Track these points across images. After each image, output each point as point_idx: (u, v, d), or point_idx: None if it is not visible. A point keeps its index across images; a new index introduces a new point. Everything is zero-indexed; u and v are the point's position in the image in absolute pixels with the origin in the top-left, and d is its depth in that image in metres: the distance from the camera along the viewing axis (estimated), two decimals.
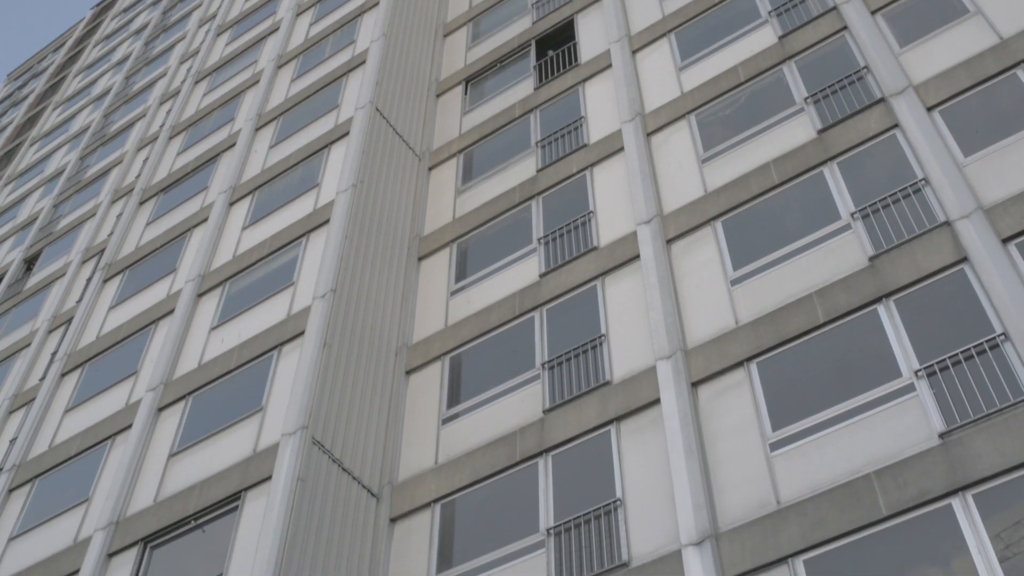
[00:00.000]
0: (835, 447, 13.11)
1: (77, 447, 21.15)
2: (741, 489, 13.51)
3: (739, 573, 12.63)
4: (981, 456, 11.87)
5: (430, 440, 17.62)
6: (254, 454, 16.96)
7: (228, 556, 15.56)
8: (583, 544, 14.36)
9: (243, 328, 20.39)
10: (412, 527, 16.47)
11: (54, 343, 27.33)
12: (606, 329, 17.08)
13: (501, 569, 14.84)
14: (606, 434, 15.51)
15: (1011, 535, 11.14)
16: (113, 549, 17.49)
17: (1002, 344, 12.77)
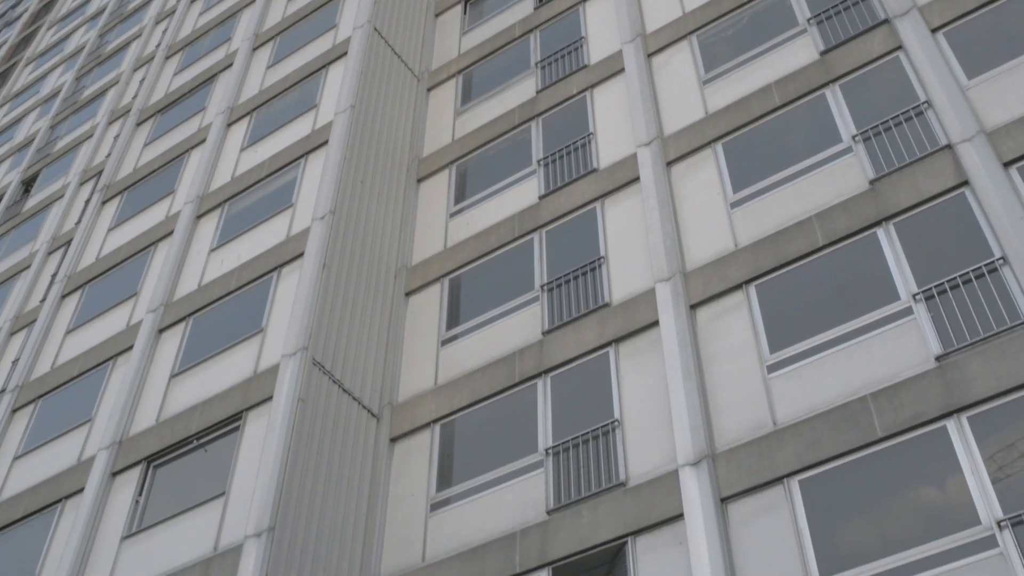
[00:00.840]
0: (832, 369, 13.20)
1: (79, 368, 21.28)
2: (738, 410, 13.63)
3: (735, 493, 12.80)
4: (977, 379, 11.96)
5: (430, 361, 17.73)
6: (255, 375, 17.07)
7: (230, 475, 15.74)
8: (581, 464, 14.53)
9: (242, 250, 20.40)
10: (412, 447, 16.64)
11: (54, 265, 27.35)
12: (605, 251, 17.09)
13: (500, 488, 15.02)
14: (605, 355, 15.61)
15: (1004, 457, 11.26)
16: (117, 468, 17.69)
17: (1000, 268, 12.79)
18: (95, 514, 17.07)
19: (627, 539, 13.37)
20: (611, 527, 13.55)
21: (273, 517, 14.24)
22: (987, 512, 10.98)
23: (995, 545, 10.72)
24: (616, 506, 13.68)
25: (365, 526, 15.68)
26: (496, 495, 15.01)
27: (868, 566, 11.30)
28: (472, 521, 14.97)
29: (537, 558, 13.82)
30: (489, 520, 14.81)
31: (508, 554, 14.09)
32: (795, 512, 12.24)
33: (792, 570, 11.77)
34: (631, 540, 13.33)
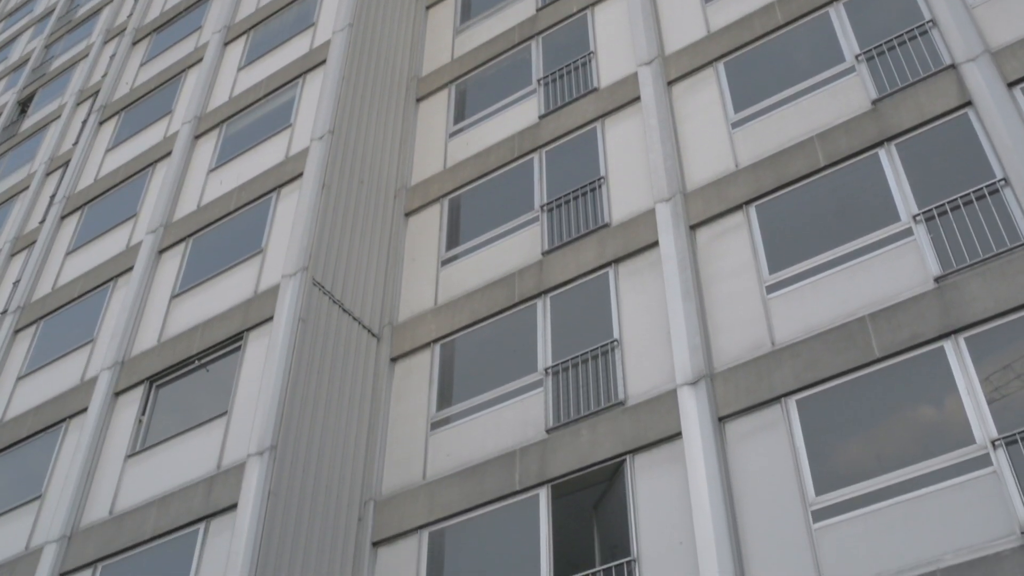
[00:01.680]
0: (831, 290, 13.23)
1: (80, 289, 21.33)
2: (737, 331, 13.69)
3: (732, 412, 12.91)
4: (975, 300, 11.99)
5: (429, 281, 17.77)
6: (255, 295, 17.12)
7: (232, 395, 15.86)
8: (580, 383, 14.63)
9: (241, 170, 20.32)
10: (412, 367, 16.75)
11: (52, 186, 27.27)
12: (605, 171, 17.03)
13: (499, 407, 15.15)
14: (604, 276, 15.64)
15: (1001, 378, 11.34)
16: (119, 388, 17.82)
17: (1002, 189, 12.75)
18: (99, 433, 17.24)
19: (625, 457, 13.52)
20: (610, 445, 13.69)
21: (275, 436, 14.38)
22: (982, 432, 11.09)
23: (989, 464, 10.85)
24: (615, 425, 13.80)
25: (366, 445, 15.85)
26: (496, 414, 15.14)
27: (863, 484, 11.44)
28: (472, 439, 15.13)
29: (536, 476, 13.98)
30: (489, 438, 14.96)
31: (508, 472, 14.26)
32: (792, 431, 12.36)
33: (788, 488, 11.92)
34: (629, 458, 13.48)
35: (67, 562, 15.66)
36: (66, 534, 15.99)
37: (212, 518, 14.45)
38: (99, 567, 15.30)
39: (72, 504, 16.32)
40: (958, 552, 10.48)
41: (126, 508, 15.76)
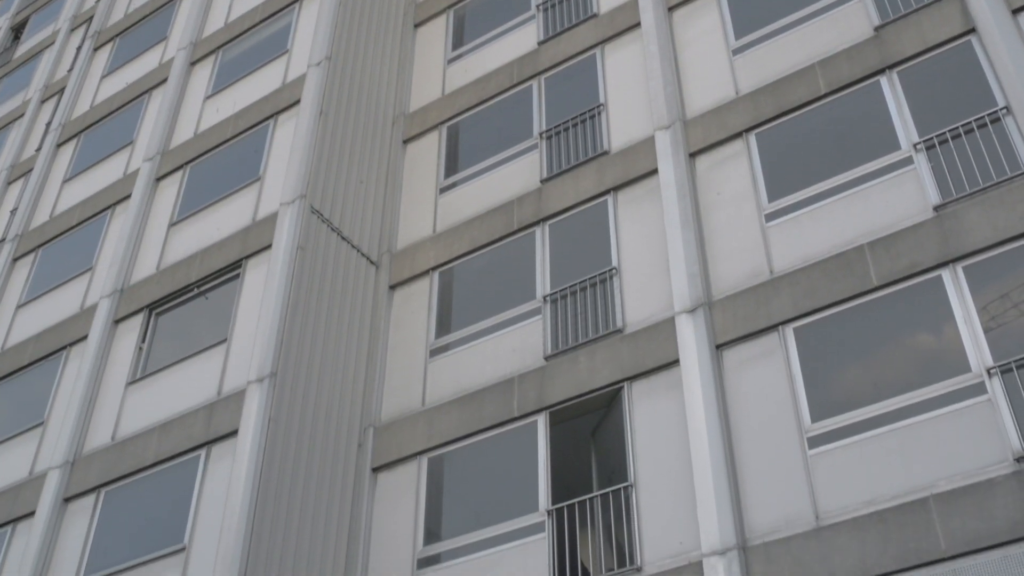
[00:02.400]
0: (830, 218, 13.22)
1: (78, 217, 21.28)
2: (735, 259, 13.70)
3: (730, 340, 12.97)
4: (974, 229, 11.98)
5: (428, 209, 17.73)
6: (253, 223, 17.09)
7: (231, 322, 15.91)
8: (579, 311, 14.68)
9: (237, 97, 20.16)
10: (411, 294, 16.78)
11: (48, 113, 27.07)
12: (605, 98, 16.91)
13: (498, 335, 15.21)
14: (603, 203, 15.60)
15: (998, 307, 11.38)
16: (119, 316, 17.86)
17: (1003, 118, 12.67)
18: (99, 361, 17.32)
19: (623, 384, 13.61)
20: (608, 372, 13.77)
21: (275, 363, 14.45)
22: (977, 360, 11.15)
23: (984, 392, 10.92)
24: (613, 352, 13.87)
25: (365, 372, 15.94)
26: (494, 341, 15.21)
27: (859, 411, 11.54)
28: (471, 367, 15.21)
29: (535, 402, 14.08)
30: (488, 366, 15.04)
31: (506, 399, 14.36)
32: (789, 359, 12.43)
33: (784, 415, 12.02)
34: (627, 385, 13.57)
35: (71, 487, 15.84)
36: (69, 460, 16.15)
37: (213, 444, 14.58)
38: (102, 492, 15.47)
39: (74, 431, 16.45)
40: (952, 478, 10.60)
41: (128, 434, 15.89)
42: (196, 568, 13.38)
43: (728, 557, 11.30)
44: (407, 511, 14.41)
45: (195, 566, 13.42)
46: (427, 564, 13.76)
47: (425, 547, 13.92)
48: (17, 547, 16.01)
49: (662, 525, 12.22)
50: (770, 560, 11.13)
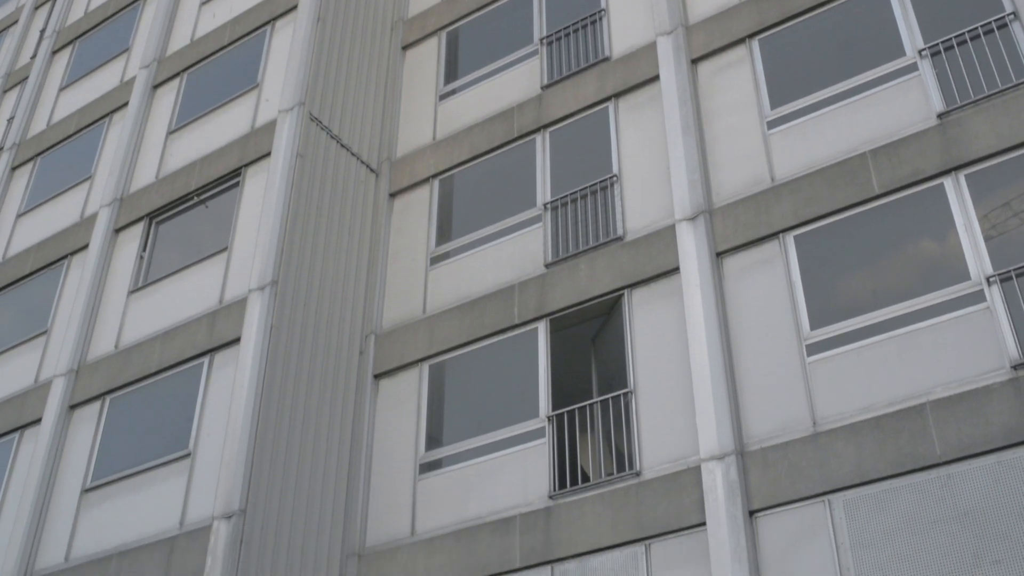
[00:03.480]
0: (833, 126, 13.12)
1: (75, 125, 21.14)
2: (736, 166, 13.64)
3: (730, 247, 12.97)
4: (978, 136, 11.90)
5: (428, 116, 17.60)
6: (252, 131, 16.98)
7: (232, 231, 15.90)
8: (579, 218, 14.66)
9: (233, 3, 19.87)
10: (411, 202, 16.75)
11: (42, 20, 26.70)
12: (606, 3, 16.67)
13: (499, 242, 15.22)
14: (604, 110, 15.48)
15: (999, 215, 11.35)
16: (119, 225, 17.85)
17: (1010, 24, 12.49)
18: (101, 270, 17.36)
19: (623, 291, 13.65)
20: (608, 280, 13.80)
21: (276, 271, 14.48)
22: (977, 268, 11.17)
23: (983, 300, 10.96)
24: (613, 259, 13.89)
25: (366, 279, 15.98)
26: (495, 249, 15.22)
27: (858, 319, 11.59)
28: (471, 274, 15.24)
29: (535, 310, 14.15)
30: (488, 273, 15.07)
31: (507, 306, 14.42)
32: (789, 266, 12.45)
33: (783, 322, 12.08)
34: (627, 292, 13.61)
35: (76, 395, 16.00)
36: (73, 368, 16.28)
37: (216, 352, 14.68)
38: (107, 399, 15.63)
39: (77, 339, 16.56)
40: (948, 385, 10.69)
41: (131, 342, 15.99)
42: (201, 474, 13.58)
43: (726, 462, 11.45)
44: (409, 417, 14.57)
45: (200, 472, 13.61)
46: (429, 469, 13.95)
47: (427, 453, 14.11)
48: (25, 453, 16.23)
49: (661, 431, 12.36)
50: (767, 465, 11.28)
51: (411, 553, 13.30)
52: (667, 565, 11.48)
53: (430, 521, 13.53)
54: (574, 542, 12.16)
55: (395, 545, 13.54)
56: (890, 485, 10.52)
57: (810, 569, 10.56)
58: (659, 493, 11.86)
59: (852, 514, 10.60)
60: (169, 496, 13.76)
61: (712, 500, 11.34)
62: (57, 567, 14.33)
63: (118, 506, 14.27)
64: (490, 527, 12.87)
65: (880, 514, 10.45)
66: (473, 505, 13.27)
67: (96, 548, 14.08)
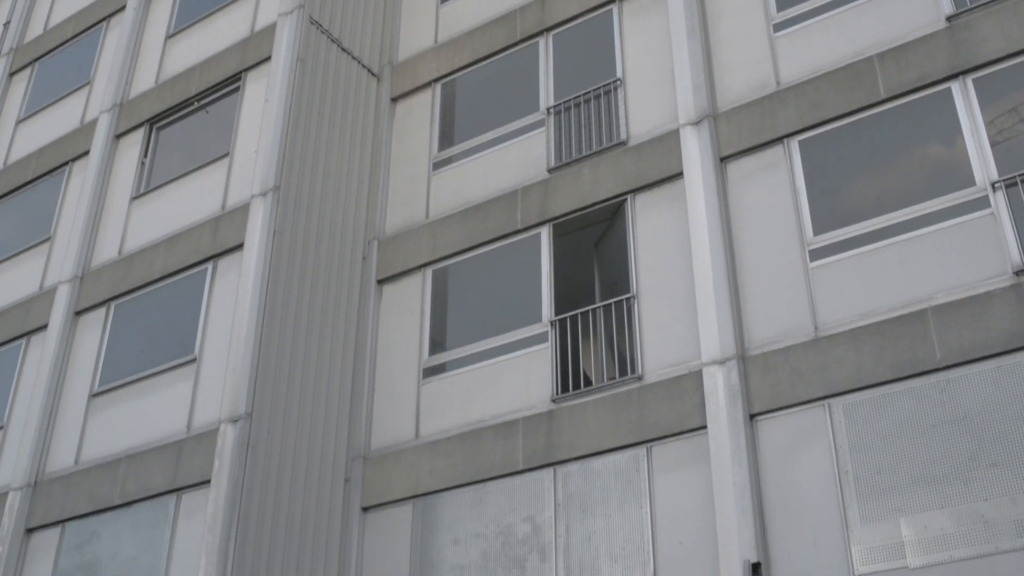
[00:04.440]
0: (840, 29, 12.94)
1: (72, 30, 20.88)
2: (741, 70, 13.48)
3: (734, 152, 12.90)
4: (987, 40, 11.74)
5: (429, 19, 17.36)
6: (251, 35, 16.77)
7: (233, 136, 15.81)
8: (582, 123, 14.56)
9: None
10: (413, 106, 16.61)
11: None
12: None
13: (501, 147, 15.13)
14: (608, 13, 15.26)
15: (1005, 121, 11.26)
16: (120, 131, 17.74)
17: None
18: (102, 176, 17.30)
19: (626, 196, 13.62)
20: (611, 185, 13.76)
21: (278, 176, 14.44)
22: (982, 173, 11.11)
23: (987, 206, 10.93)
24: (616, 164, 13.83)
25: (369, 185, 15.94)
26: (497, 154, 15.14)
27: (861, 224, 11.57)
28: (474, 179, 15.19)
29: (538, 215, 14.13)
30: (491, 178, 15.02)
31: (510, 211, 14.40)
32: (793, 171, 12.39)
33: (787, 228, 12.07)
34: (630, 198, 13.58)
35: (81, 301, 16.07)
36: (77, 275, 16.33)
37: (219, 258, 14.71)
38: (112, 306, 15.71)
39: (81, 245, 16.58)
40: (950, 291, 10.72)
41: (134, 249, 16.01)
42: (207, 378, 13.71)
43: (727, 366, 11.54)
44: (412, 322, 14.65)
45: (206, 377, 13.75)
46: (432, 374, 14.08)
47: (430, 357, 14.22)
48: (32, 359, 16.37)
49: (663, 335, 12.44)
50: (768, 370, 11.37)
51: (415, 456, 13.49)
52: (668, 467, 11.65)
53: (434, 424, 13.69)
54: (576, 445, 12.32)
55: (400, 448, 13.73)
56: (889, 390, 10.62)
57: (809, 472, 10.72)
58: (661, 397, 11.98)
59: (851, 418, 10.72)
60: (176, 400, 13.92)
61: (713, 403, 11.46)
62: (67, 470, 14.56)
63: (126, 410, 14.45)
64: (493, 430, 13.03)
65: (879, 418, 10.57)
66: (476, 409, 13.42)
67: (105, 451, 14.29)
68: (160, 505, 13.21)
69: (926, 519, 9.94)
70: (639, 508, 11.63)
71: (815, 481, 10.65)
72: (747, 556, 10.53)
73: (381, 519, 13.51)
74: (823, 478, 10.62)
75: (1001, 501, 9.64)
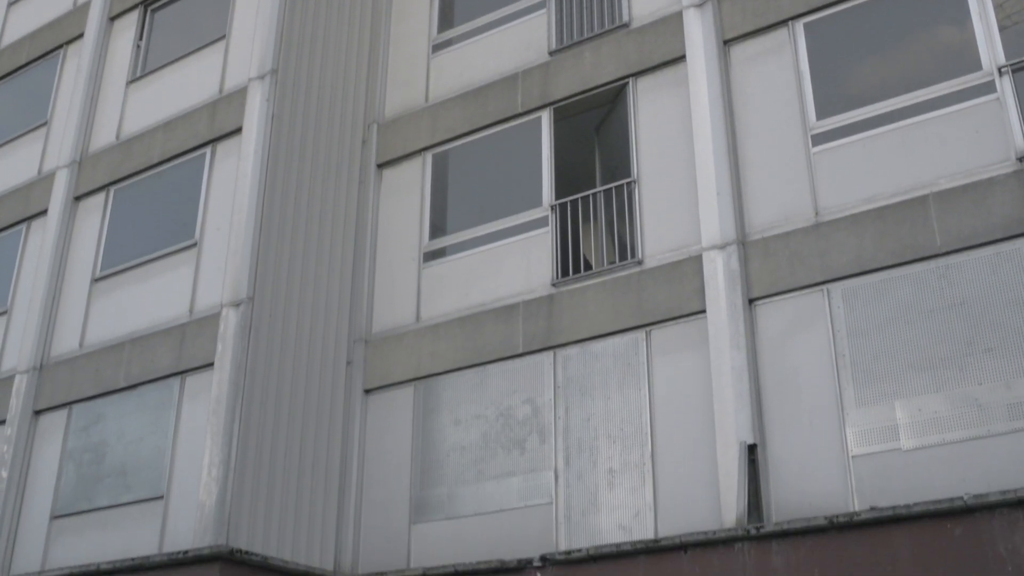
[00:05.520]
0: None
1: None
2: None
3: (738, 35, 12.71)
4: None
5: None
6: None
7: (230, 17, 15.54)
8: (584, 4, 14.33)
9: None
10: None
11: None
12: None
13: (502, 29, 14.92)
14: None
15: (1014, 5, 11.09)
16: (114, 12, 17.43)
17: None
18: (98, 59, 17.06)
19: (628, 80, 13.47)
20: (612, 68, 13.61)
21: (275, 59, 14.26)
22: (989, 58, 10.96)
23: (993, 91, 10.81)
24: (618, 47, 13.65)
25: (367, 67, 15.75)
26: (498, 36, 14.93)
27: (865, 109, 11.47)
28: (474, 62, 15.01)
29: (539, 98, 14.00)
30: (491, 61, 14.84)
31: (510, 94, 14.27)
32: (797, 55, 12.23)
33: (789, 111, 11.96)
34: (632, 81, 13.44)
35: (80, 186, 16.01)
36: (76, 160, 16.24)
37: (218, 142, 14.61)
38: (111, 191, 15.65)
39: (78, 130, 16.45)
40: (952, 176, 10.68)
41: (132, 133, 15.89)
42: (208, 263, 13.75)
43: (727, 251, 11.58)
44: (412, 206, 14.64)
45: (207, 261, 13.78)
46: (433, 258, 14.13)
47: (431, 241, 14.25)
48: (33, 244, 16.39)
49: (663, 220, 12.44)
50: (768, 254, 11.41)
51: (416, 339, 13.63)
52: (667, 351, 11.78)
53: (434, 308, 13.79)
54: (576, 328, 12.44)
55: (401, 331, 13.85)
56: (889, 275, 10.67)
57: (806, 356, 10.84)
58: (660, 281, 12.05)
59: (850, 303, 10.79)
60: (178, 285, 13.98)
61: (712, 288, 11.53)
62: (72, 353, 14.71)
63: (128, 295, 14.53)
64: (493, 314, 13.13)
65: (877, 303, 10.64)
66: (477, 292, 13.50)
67: (109, 335, 14.41)
68: (165, 387, 13.38)
69: (920, 403, 10.09)
70: (638, 391, 11.79)
71: (812, 365, 10.78)
72: (743, 438, 10.73)
73: (383, 401, 13.71)
74: (820, 362, 10.74)
75: (995, 385, 9.78)
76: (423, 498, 12.86)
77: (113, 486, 13.25)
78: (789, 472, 10.53)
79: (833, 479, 10.27)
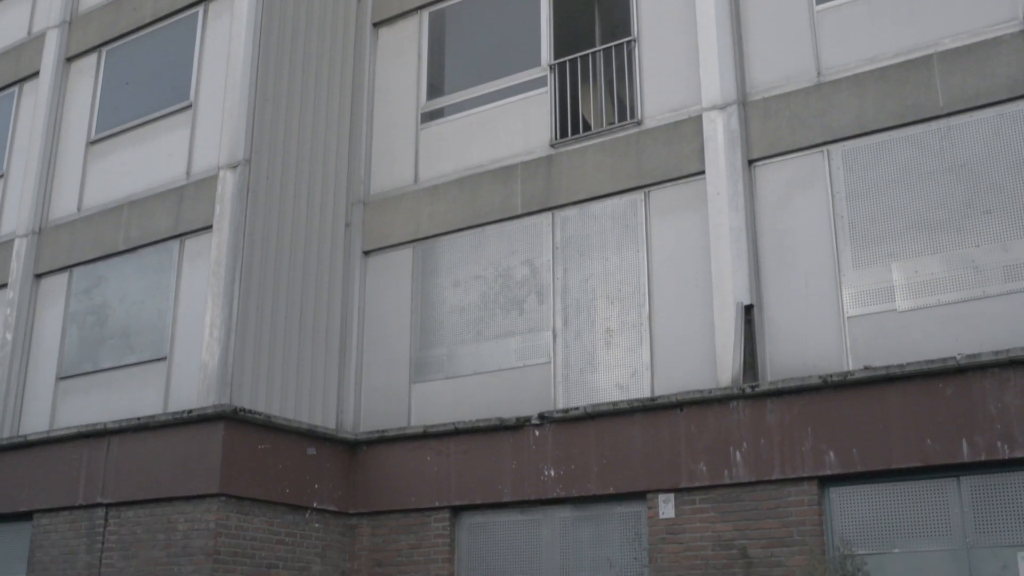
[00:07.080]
0: None
1: None
2: None
3: None
4: None
5: None
6: None
7: None
8: None
9: None
10: None
11: None
12: None
13: None
14: None
15: None
16: None
17: None
18: None
19: None
20: None
21: None
22: None
23: None
24: None
25: None
26: None
27: None
28: None
29: None
30: None
31: None
32: None
33: None
34: None
35: (71, 47, 15.74)
36: (66, 19, 15.93)
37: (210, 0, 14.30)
38: (103, 51, 15.39)
39: None
40: (957, 36, 10.50)
41: None
42: (204, 124, 13.62)
43: (727, 112, 11.47)
44: (409, 67, 14.44)
45: (203, 123, 13.65)
46: (431, 118, 14.00)
47: (428, 102, 14.10)
48: (26, 107, 16.19)
49: (663, 80, 12.29)
50: (768, 115, 11.30)
51: (415, 200, 13.61)
52: (665, 212, 11.77)
53: (433, 169, 13.73)
54: (574, 189, 12.41)
55: (399, 193, 13.83)
56: (889, 136, 10.59)
57: (805, 217, 10.84)
58: (660, 141, 11.97)
59: (850, 164, 10.75)
60: (174, 147, 13.89)
61: (712, 149, 11.46)
62: (70, 217, 14.70)
63: (124, 157, 14.44)
64: (492, 175, 13.09)
65: (877, 165, 10.59)
66: (475, 153, 13.43)
67: (107, 198, 14.37)
68: (164, 250, 13.41)
69: (917, 264, 10.13)
70: (636, 252, 11.84)
71: (810, 227, 10.79)
72: (740, 299, 10.81)
73: (382, 262, 13.77)
74: (818, 224, 10.75)
75: (992, 247, 9.81)
76: (423, 358, 13.04)
77: (116, 347, 13.41)
78: (785, 332, 10.65)
79: (828, 339, 10.39)
